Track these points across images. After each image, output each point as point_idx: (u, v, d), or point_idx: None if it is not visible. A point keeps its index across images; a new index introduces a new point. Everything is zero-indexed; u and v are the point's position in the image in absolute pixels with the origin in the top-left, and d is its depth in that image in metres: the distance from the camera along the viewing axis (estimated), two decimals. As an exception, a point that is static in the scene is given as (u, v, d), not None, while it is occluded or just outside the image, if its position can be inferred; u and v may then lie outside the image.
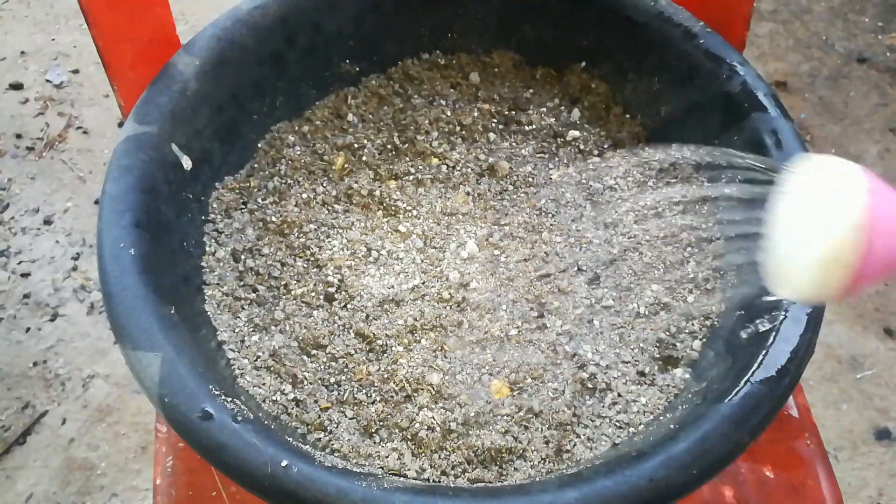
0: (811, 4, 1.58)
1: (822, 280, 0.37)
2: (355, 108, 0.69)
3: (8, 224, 1.27)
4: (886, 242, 0.36)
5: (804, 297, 0.39)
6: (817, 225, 0.37)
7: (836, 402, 1.12)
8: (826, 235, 0.36)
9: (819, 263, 0.37)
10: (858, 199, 0.36)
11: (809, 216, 0.38)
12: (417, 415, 0.52)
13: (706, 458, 0.43)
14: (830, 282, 0.37)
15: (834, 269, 0.37)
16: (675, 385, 0.54)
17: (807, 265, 0.38)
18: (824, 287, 0.38)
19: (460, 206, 0.64)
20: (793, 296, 0.40)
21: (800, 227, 0.38)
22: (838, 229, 0.36)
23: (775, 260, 0.40)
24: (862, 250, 0.36)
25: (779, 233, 0.39)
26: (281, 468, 0.42)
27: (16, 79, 1.45)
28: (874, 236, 0.36)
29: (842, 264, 0.36)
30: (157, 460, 0.60)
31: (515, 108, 0.69)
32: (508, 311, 0.58)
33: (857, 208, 0.36)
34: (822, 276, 0.37)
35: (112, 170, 0.53)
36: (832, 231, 0.36)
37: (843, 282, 0.37)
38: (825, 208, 0.37)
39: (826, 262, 0.37)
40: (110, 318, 0.47)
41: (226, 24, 0.61)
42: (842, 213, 0.36)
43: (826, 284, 0.37)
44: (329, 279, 0.59)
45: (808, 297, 0.39)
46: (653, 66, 0.65)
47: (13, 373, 1.12)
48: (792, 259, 0.39)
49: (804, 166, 0.39)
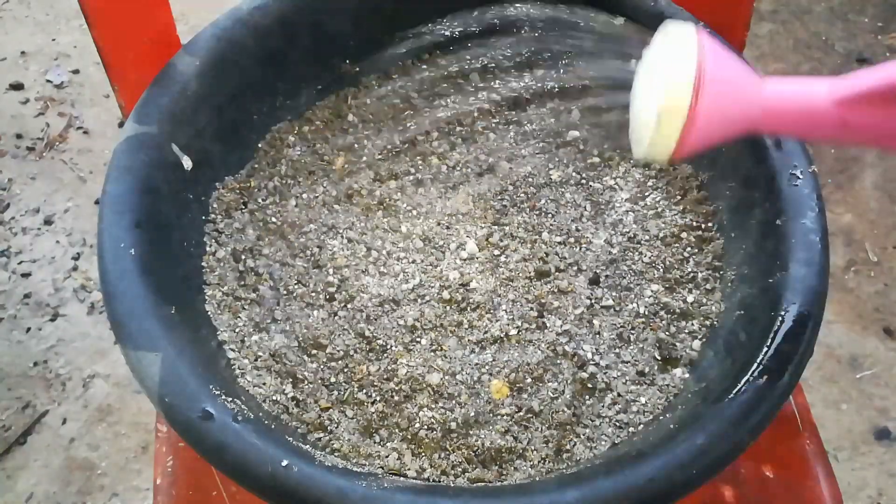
0: (811, 4, 1.58)
1: (661, 134, 0.41)
2: (355, 109, 0.69)
3: (8, 224, 1.27)
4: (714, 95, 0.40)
5: (649, 154, 0.43)
6: (655, 85, 0.41)
7: (836, 402, 1.12)
8: (660, 93, 0.40)
9: (656, 119, 0.41)
10: (688, 58, 0.40)
11: (650, 78, 0.42)
12: (417, 415, 0.52)
13: (706, 458, 0.43)
14: (668, 136, 0.41)
15: (669, 123, 0.40)
16: (674, 385, 0.54)
17: (646, 122, 0.41)
18: (663, 141, 0.41)
19: (460, 206, 0.64)
20: (640, 154, 0.44)
21: (643, 89, 0.43)
22: (670, 86, 0.40)
23: (631, 123, 0.44)
24: (692, 102, 0.40)
25: (633, 98, 0.44)
26: (281, 468, 0.42)
27: (16, 79, 1.46)
28: (703, 89, 0.40)
29: (675, 117, 0.40)
30: (158, 460, 0.60)
31: (515, 108, 0.70)
32: (508, 311, 0.58)
33: (688, 65, 0.40)
34: (660, 130, 0.41)
35: (112, 170, 0.53)
36: (666, 88, 0.40)
37: (678, 135, 0.41)
38: (661, 69, 0.41)
39: (661, 117, 0.40)
40: (111, 318, 0.47)
41: (226, 24, 0.61)
42: (673, 72, 0.40)
43: (664, 139, 0.41)
44: (329, 279, 0.59)
45: (652, 154, 0.43)
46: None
47: (13, 373, 1.12)
48: (637, 119, 0.43)
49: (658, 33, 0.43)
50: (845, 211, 1.30)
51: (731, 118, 0.42)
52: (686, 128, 0.40)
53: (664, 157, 0.42)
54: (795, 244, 0.51)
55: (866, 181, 1.32)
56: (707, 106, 0.40)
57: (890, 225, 1.28)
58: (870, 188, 1.31)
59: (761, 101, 0.41)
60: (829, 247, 0.52)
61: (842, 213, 1.29)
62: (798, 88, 0.41)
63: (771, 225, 0.53)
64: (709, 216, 0.61)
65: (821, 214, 0.52)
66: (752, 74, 0.42)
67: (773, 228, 0.53)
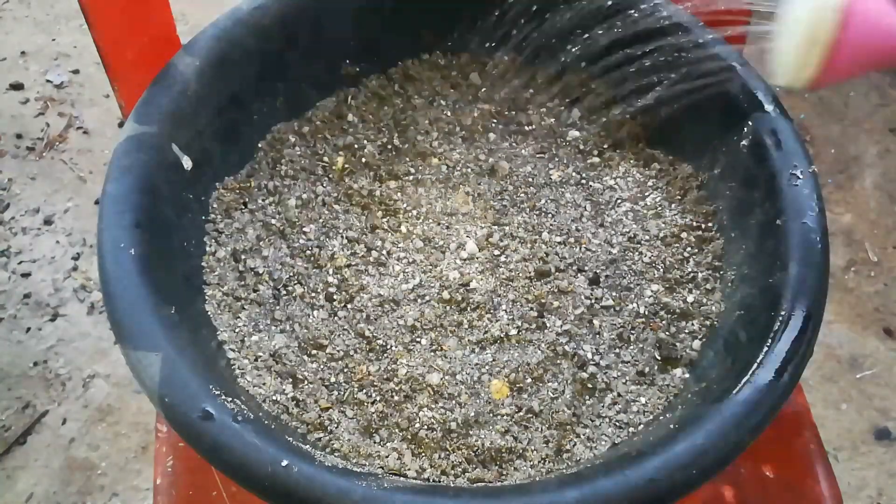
0: (811, 4, 1.58)
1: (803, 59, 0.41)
2: (356, 109, 0.69)
3: (8, 224, 1.27)
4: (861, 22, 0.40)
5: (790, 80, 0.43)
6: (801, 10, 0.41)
7: (836, 402, 1.12)
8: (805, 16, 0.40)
9: (799, 42, 0.41)
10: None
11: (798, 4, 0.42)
12: (417, 415, 0.52)
13: (706, 458, 0.43)
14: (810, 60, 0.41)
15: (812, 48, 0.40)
16: (674, 385, 0.54)
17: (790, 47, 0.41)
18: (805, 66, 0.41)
19: (460, 206, 0.64)
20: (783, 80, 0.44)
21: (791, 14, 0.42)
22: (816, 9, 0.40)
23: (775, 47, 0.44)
24: (837, 29, 0.40)
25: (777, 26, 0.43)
26: (281, 468, 0.42)
27: (16, 79, 1.46)
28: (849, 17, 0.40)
29: (819, 42, 0.40)
30: (158, 460, 0.60)
31: (515, 108, 0.70)
32: (508, 311, 0.58)
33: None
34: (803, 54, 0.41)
35: (112, 170, 0.53)
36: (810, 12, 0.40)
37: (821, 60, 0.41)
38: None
39: (805, 41, 0.40)
40: (111, 318, 0.47)
41: (226, 24, 0.61)
42: None
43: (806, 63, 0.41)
44: (329, 279, 0.59)
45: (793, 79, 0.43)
46: (653, 67, 0.65)
47: (13, 373, 1.12)
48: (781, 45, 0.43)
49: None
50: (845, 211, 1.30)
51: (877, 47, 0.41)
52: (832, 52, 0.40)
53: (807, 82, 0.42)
54: (795, 244, 0.51)
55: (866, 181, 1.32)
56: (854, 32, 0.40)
57: (890, 225, 1.28)
58: (870, 188, 1.31)
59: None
60: (829, 247, 0.52)
61: (842, 213, 1.29)
62: None
63: (771, 225, 0.53)
64: (709, 216, 0.61)
65: (821, 214, 0.52)
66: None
67: (773, 228, 0.53)
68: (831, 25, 0.40)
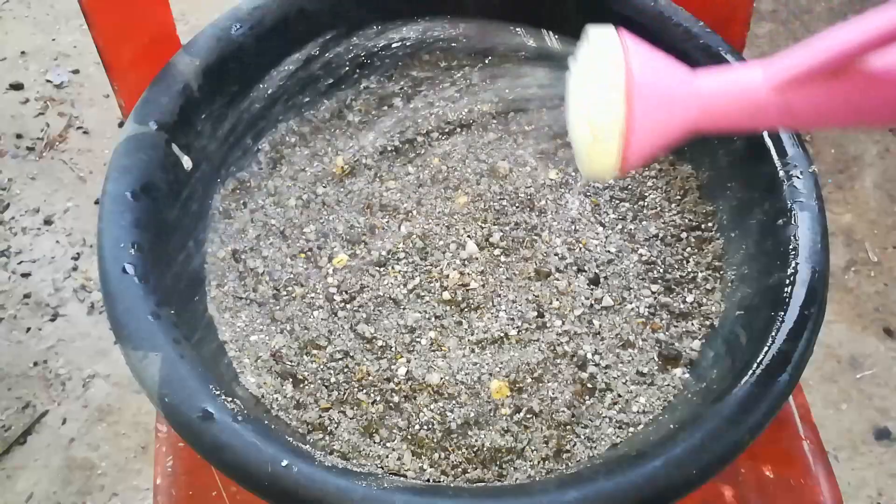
0: (811, 4, 1.58)
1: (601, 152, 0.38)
2: (355, 109, 0.69)
3: (8, 224, 1.27)
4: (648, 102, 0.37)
5: (593, 172, 0.40)
6: (585, 99, 0.38)
7: (835, 402, 1.12)
8: (592, 107, 0.38)
9: (591, 137, 0.38)
10: (615, 66, 0.37)
11: (580, 92, 0.39)
12: (417, 415, 0.53)
13: (706, 458, 0.43)
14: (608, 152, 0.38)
15: (607, 139, 0.38)
16: (674, 385, 0.54)
17: (583, 140, 0.39)
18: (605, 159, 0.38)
19: (460, 206, 0.64)
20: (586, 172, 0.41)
21: (576, 105, 0.39)
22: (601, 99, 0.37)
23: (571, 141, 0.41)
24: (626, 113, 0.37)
25: (568, 114, 0.41)
26: (281, 468, 0.42)
27: (16, 79, 1.45)
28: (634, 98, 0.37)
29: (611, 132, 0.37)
30: (158, 460, 0.60)
31: (515, 108, 0.70)
32: (508, 311, 0.58)
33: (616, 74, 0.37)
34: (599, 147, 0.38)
35: (112, 170, 0.53)
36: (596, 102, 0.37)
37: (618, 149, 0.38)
38: (589, 81, 0.38)
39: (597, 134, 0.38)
40: (110, 318, 0.47)
41: (226, 23, 0.61)
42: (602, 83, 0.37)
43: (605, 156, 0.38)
44: (329, 279, 0.59)
45: (597, 171, 0.40)
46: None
47: (13, 373, 1.12)
48: (575, 137, 0.40)
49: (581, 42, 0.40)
50: (845, 211, 1.30)
51: (670, 122, 0.39)
52: (625, 141, 0.38)
53: (609, 174, 0.39)
54: (795, 244, 0.51)
55: (866, 181, 1.32)
56: (643, 114, 0.37)
57: (890, 225, 1.28)
58: (870, 188, 1.31)
59: (698, 101, 0.39)
60: (829, 247, 0.52)
61: (842, 213, 1.29)
62: (733, 79, 0.39)
63: (771, 225, 0.53)
64: (709, 216, 0.61)
65: (821, 214, 0.52)
66: (685, 72, 0.39)
67: (773, 228, 0.53)
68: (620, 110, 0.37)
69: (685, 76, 0.39)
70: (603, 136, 0.38)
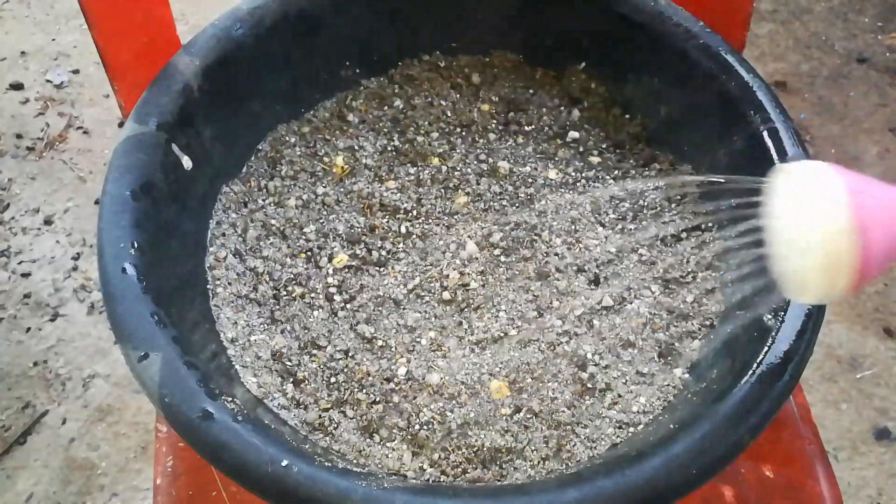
0: (811, 4, 1.58)
1: (829, 286, 0.39)
2: (356, 109, 0.69)
3: (8, 224, 1.27)
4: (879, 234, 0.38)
5: (819, 299, 0.41)
6: (810, 237, 0.38)
7: (835, 402, 1.12)
8: (821, 246, 0.38)
9: (822, 273, 0.38)
10: (841, 204, 0.37)
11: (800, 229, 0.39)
12: (417, 415, 0.52)
13: (706, 458, 0.43)
14: (837, 285, 0.39)
15: (837, 275, 0.38)
16: (674, 385, 0.54)
17: (812, 276, 0.39)
18: (833, 291, 0.39)
19: (460, 206, 0.64)
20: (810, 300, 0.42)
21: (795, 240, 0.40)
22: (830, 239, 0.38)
23: (782, 273, 0.41)
24: (858, 251, 0.37)
25: (777, 248, 0.41)
26: (281, 468, 0.42)
27: (16, 79, 1.45)
28: (866, 233, 0.37)
29: (843, 269, 0.38)
30: (158, 460, 0.60)
31: (515, 108, 0.70)
32: (508, 311, 0.58)
33: (842, 213, 0.37)
34: (829, 282, 0.39)
35: (112, 170, 0.53)
36: (825, 241, 0.38)
37: (848, 283, 0.38)
38: (813, 221, 0.38)
39: (828, 271, 0.38)
40: (110, 318, 0.47)
41: (226, 23, 0.61)
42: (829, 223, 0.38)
43: (833, 288, 0.39)
44: (329, 279, 0.59)
45: (824, 298, 0.40)
46: (652, 67, 0.65)
47: (13, 373, 1.12)
48: (797, 271, 0.40)
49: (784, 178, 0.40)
50: (845, 211, 1.29)
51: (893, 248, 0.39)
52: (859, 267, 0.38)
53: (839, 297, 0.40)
54: (795, 244, 0.51)
55: (866, 181, 1.32)
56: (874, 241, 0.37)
57: (890, 225, 1.28)
58: (870, 188, 1.31)
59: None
60: (829, 247, 0.52)
61: (842, 213, 1.29)
62: None
63: (771, 225, 0.53)
64: (709, 216, 0.61)
65: (821, 214, 0.52)
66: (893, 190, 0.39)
67: (773, 228, 0.53)
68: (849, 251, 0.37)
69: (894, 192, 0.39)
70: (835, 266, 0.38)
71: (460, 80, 0.71)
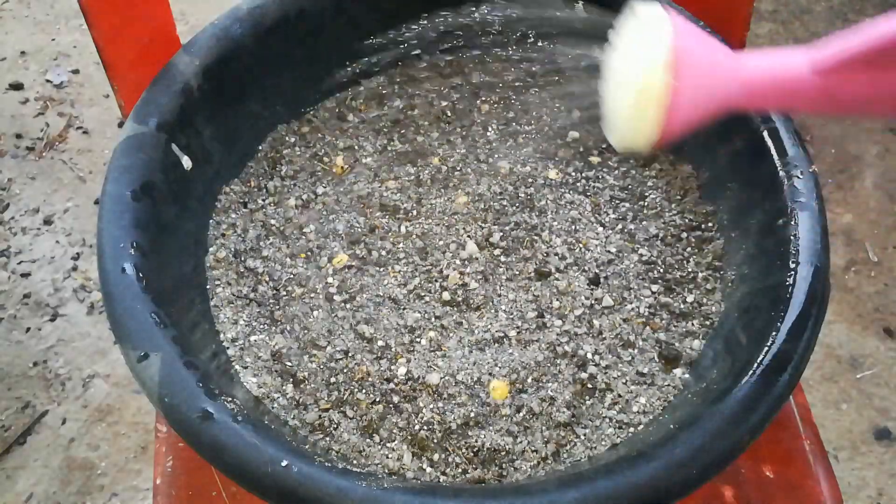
0: (811, 4, 1.58)
1: (641, 119, 0.40)
2: (356, 109, 0.69)
3: (8, 224, 1.27)
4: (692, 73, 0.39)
5: (630, 142, 0.42)
6: (630, 69, 0.40)
7: (836, 402, 1.12)
8: (637, 76, 0.39)
9: (634, 103, 0.39)
10: (662, 38, 0.39)
11: (624, 63, 0.40)
12: (417, 415, 0.52)
13: (706, 458, 0.43)
14: (648, 120, 0.39)
15: (648, 107, 0.39)
16: (674, 385, 0.54)
17: (624, 108, 0.40)
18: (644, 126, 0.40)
19: (460, 206, 0.64)
20: (620, 143, 0.42)
21: (618, 76, 0.41)
22: (647, 67, 0.39)
23: (606, 111, 0.43)
24: (667, 89, 0.38)
25: (606, 86, 0.42)
26: (281, 468, 0.42)
27: (16, 79, 1.46)
28: (678, 75, 0.38)
29: (651, 105, 0.39)
30: (157, 460, 0.60)
31: (515, 108, 0.70)
32: (508, 311, 0.58)
33: (662, 45, 0.38)
34: (640, 115, 0.39)
35: (112, 170, 0.53)
36: (642, 70, 0.39)
37: (654, 123, 0.39)
38: (634, 52, 0.40)
39: (640, 101, 0.39)
40: (110, 318, 0.47)
41: (226, 23, 0.61)
42: (648, 53, 0.39)
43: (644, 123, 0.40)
44: (329, 279, 0.59)
45: (633, 141, 0.41)
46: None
47: (13, 373, 1.12)
48: (614, 107, 0.42)
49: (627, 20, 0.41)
50: (845, 211, 1.30)
51: (711, 96, 0.40)
52: (667, 110, 0.39)
53: (646, 144, 0.41)
54: (795, 244, 0.51)
55: (866, 181, 1.32)
56: (686, 85, 0.38)
57: (890, 225, 1.28)
58: (870, 188, 1.31)
59: (741, 78, 0.40)
60: (829, 247, 0.52)
61: (842, 213, 1.29)
62: (777, 62, 0.40)
63: (771, 225, 0.53)
64: (709, 216, 0.61)
65: (821, 214, 0.52)
66: (728, 51, 0.40)
67: (773, 228, 0.53)
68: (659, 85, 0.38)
69: (728, 53, 0.40)
70: (646, 103, 0.39)
71: (460, 79, 0.71)
